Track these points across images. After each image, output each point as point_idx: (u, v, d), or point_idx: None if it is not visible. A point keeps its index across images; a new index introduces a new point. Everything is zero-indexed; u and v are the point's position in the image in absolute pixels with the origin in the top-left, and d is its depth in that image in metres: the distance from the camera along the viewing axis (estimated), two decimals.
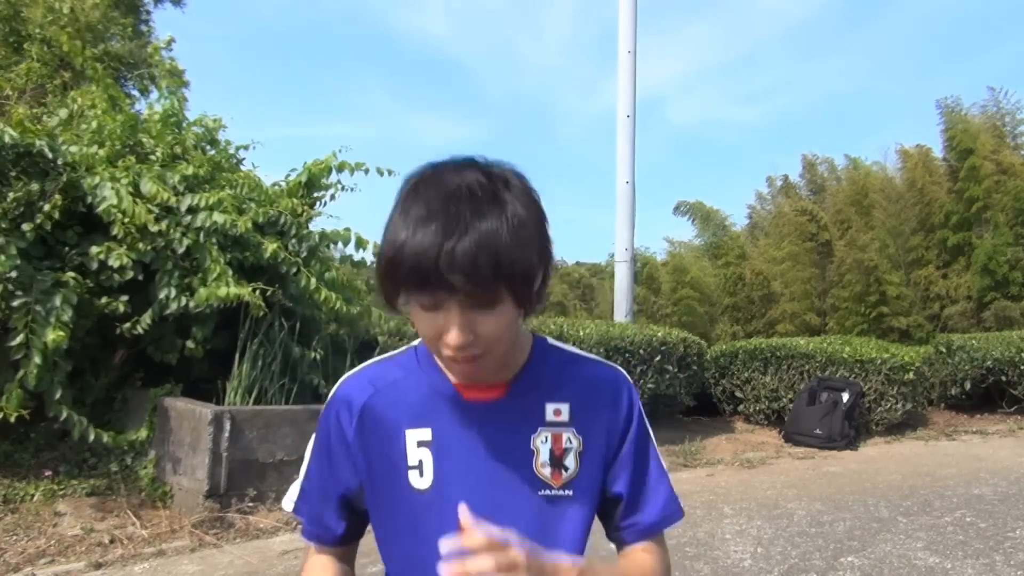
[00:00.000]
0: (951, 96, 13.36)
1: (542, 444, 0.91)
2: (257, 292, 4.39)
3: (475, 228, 0.74)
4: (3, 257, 3.76)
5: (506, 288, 0.77)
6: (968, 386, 8.13)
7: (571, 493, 0.92)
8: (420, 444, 0.92)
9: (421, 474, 0.91)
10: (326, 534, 0.99)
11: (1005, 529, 4.13)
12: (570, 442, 0.92)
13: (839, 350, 7.35)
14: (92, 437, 4.00)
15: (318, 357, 4.73)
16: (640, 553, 0.96)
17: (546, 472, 0.91)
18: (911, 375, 7.27)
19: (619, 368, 1.03)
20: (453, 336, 0.78)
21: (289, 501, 1.02)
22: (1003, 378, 7.99)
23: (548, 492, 0.91)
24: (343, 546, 1.02)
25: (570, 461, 0.92)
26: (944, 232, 11.94)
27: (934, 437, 7.26)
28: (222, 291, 4.20)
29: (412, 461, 0.92)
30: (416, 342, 0.99)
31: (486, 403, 0.92)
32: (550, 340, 1.00)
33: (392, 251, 0.76)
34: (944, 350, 8.42)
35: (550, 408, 0.93)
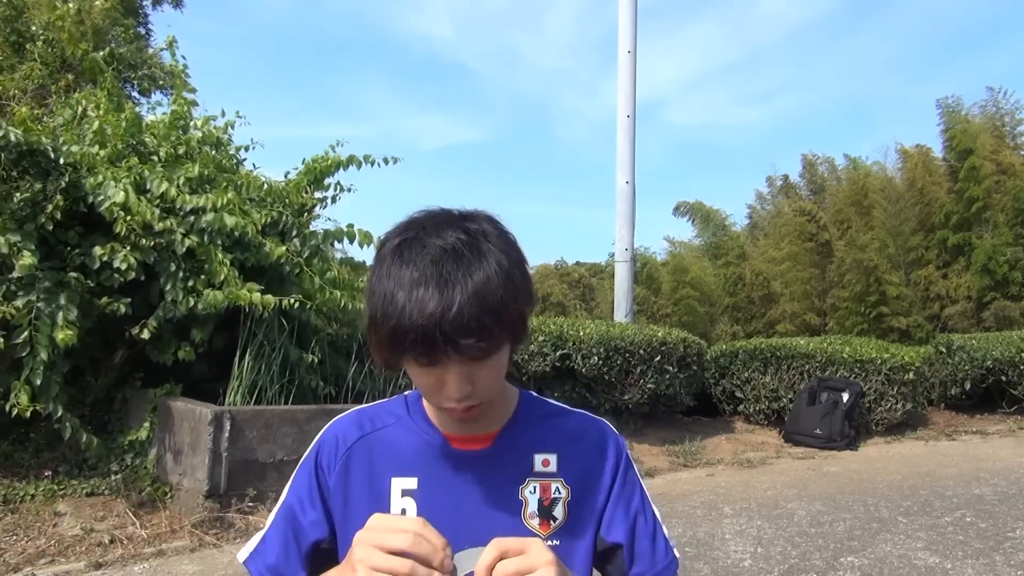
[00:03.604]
0: (951, 96, 13.36)
1: (530, 495, 0.91)
2: (267, 296, 4.39)
3: (470, 287, 0.75)
4: (28, 258, 3.78)
5: (506, 336, 0.80)
6: (968, 386, 8.13)
7: (559, 543, 0.90)
8: (405, 493, 0.90)
9: None
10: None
11: (1005, 529, 4.13)
12: (558, 491, 0.92)
13: (839, 350, 7.35)
14: (84, 440, 4.00)
15: (315, 360, 4.73)
16: None
17: (535, 523, 0.90)
18: (911, 375, 7.27)
19: (604, 420, 1.04)
20: (454, 390, 0.80)
21: (246, 551, 0.94)
22: (1003, 378, 7.99)
23: None
24: None
25: (558, 511, 0.91)
26: (944, 232, 11.94)
27: (934, 437, 7.27)
28: (244, 294, 4.19)
29: (395, 510, 0.90)
30: (407, 392, 1.00)
31: (474, 452, 0.92)
32: (534, 394, 1.02)
33: (393, 319, 0.76)
34: (944, 350, 8.42)
35: (538, 458, 0.93)
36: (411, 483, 0.91)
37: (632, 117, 8.42)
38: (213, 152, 5.42)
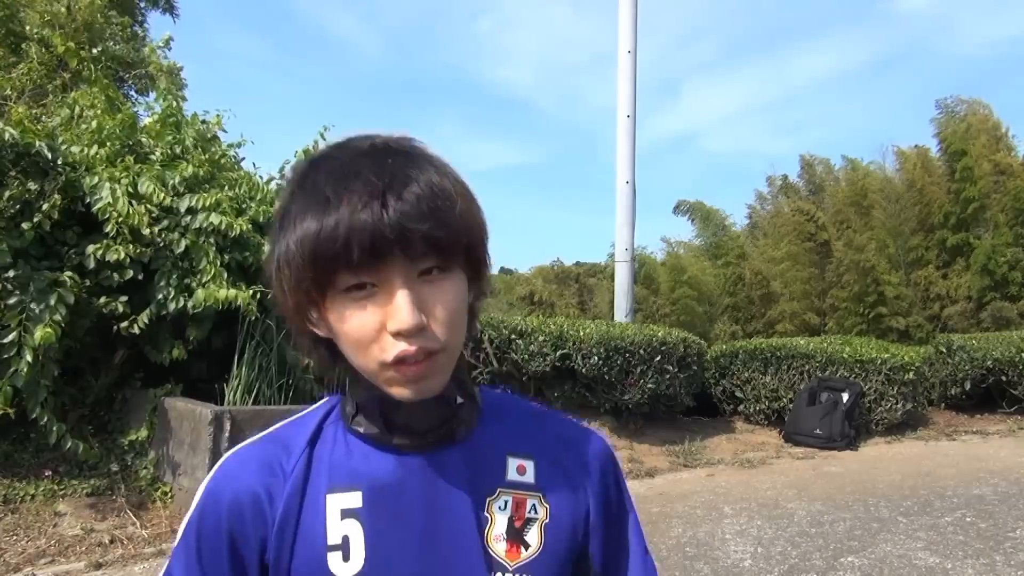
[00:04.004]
0: (950, 96, 13.36)
1: (499, 511, 0.71)
2: (255, 294, 4.38)
3: (413, 175, 0.62)
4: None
5: (460, 254, 0.65)
6: (968, 386, 8.13)
7: None
8: (346, 514, 0.69)
9: (346, 556, 0.68)
10: None
11: (1005, 529, 4.13)
12: (534, 511, 0.73)
13: (839, 350, 7.35)
14: (69, 445, 3.97)
15: (311, 363, 4.71)
16: None
17: (500, 548, 0.71)
18: (911, 375, 7.27)
19: (594, 430, 0.85)
20: (403, 316, 0.61)
21: None
22: (1003, 378, 7.99)
23: (500, 575, 0.70)
24: None
25: (532, 535, 0.72)
26: (943, 232, 11.95)
27: (934, 437, 7.27)
28: (221, 293, 4.19)
29: (333, 539, 0.69)
30: (315, 405, 0.80)
31: (434, 454, 0.71)
32: (510, 393, 0.85)
33: (314, 229, 0.61)
34: (944, 350, 8.42)
35: (512, 463, 0.74)
36: (353, 500, 0.70)
37: (632, 117, 8.42)
38: (212, 149, 5.40)
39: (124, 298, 4.24)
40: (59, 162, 4.22)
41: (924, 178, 12.36)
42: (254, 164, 6.51)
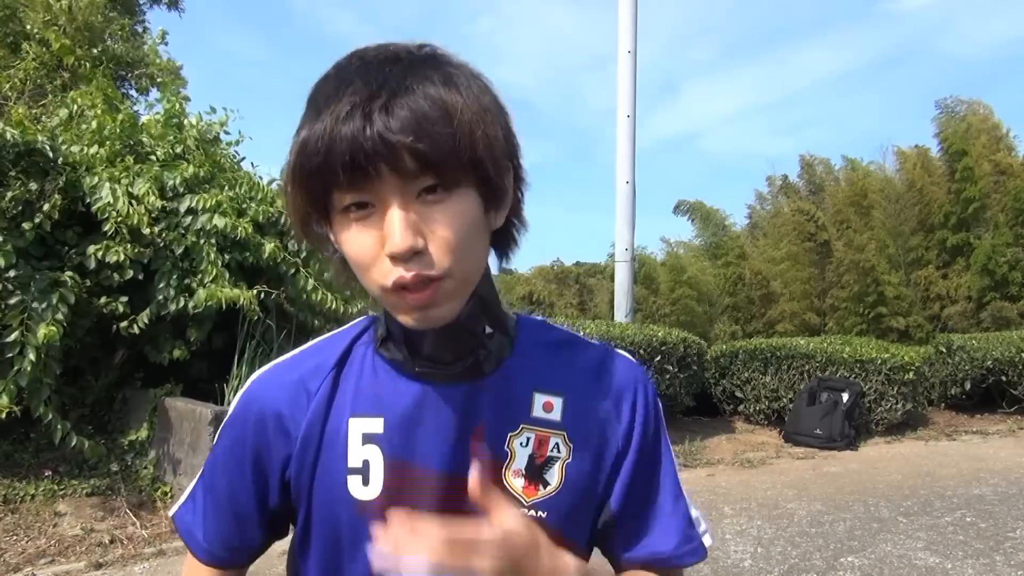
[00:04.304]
0: (950, 96, 13.36)
1: (520, 447, 0.70)
2: (260, 294, 4.38)
3: (412, 85, 0.58)
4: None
5: (465, 165, 0.59)
6: (968, 386, 8.12)
7: (544, 515, 0.70)
8: (367, 439, 0.70)
9: (366, 480, 0.69)
10: (230, 556, 0.79)
11: (1005, 529, 4.13)
12: (557, 449, 0.71)
13: (839, 350, 7.35)
14: (74, 443, 3.98)
15: None
16: None
17: (518, 484, 0.70)
18: (911, 375, 7.27)
19: (632, 358, 0.80)
20: (395, 238, 0.58)
21: (189, 525, 0.81)
22: (1003, 378, 7.99)
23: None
24: (247, 564, 0.81)
25: (552, 474, 0.71)
26: (944, 232, 11.95)
27: (934, 437, 7.26)
28: (226, 292, 4.19)
29: (354, 461, 0.70)
30: (357, 319, 0.79)
31: (458, 386, 0.70)
32: (539, 318, 0.82)
33: (303, 138, 0.58)
34: (944, 350, 8.42)
35: (540, 399, 0.72)
36: (375, 425, 0.70)
37: (632, 117, 8.41)
38: (212, 150, 5.41)
39: (124, 298, 4.25)
40: (59, 162, 4.22)
41: (924, 178, 12.35)
42: (252, 163, 6.49)
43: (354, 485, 0.70)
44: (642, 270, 13.45)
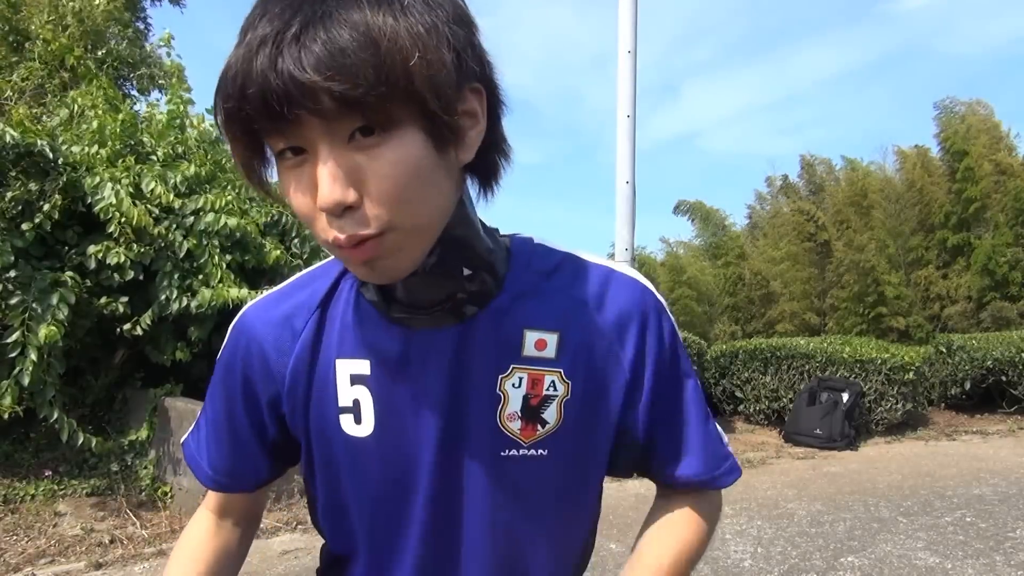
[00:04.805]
0: (950, 96, 13.37)
1: (512, 388, 0.67)
2: (252, 292, 4.38)
3: (337, 13, 0.50)
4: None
5: (400, 97, 0.51)
6: (968, 386, 8.13)
7: (546, 452, 0.68)
8: (355, 380, 0.68)
9: (358, 419, 0.69)
10: (234, 482, 0.80)
11: (1005, 529, 4.13)
12: (554, 387, 0.67)
13: (839, 350, 7.35)
14: (81, 441, 3.98)
15: None
16: (668, 515, 0.76)
17: (514, 426, 0.67)
18: (911, 375, 7.27)
19: (642, 280, 0.75)
20: (322, 192, 0.53)
21: (194, 453, 0.81)
22: (1003, 378, 7.99)
23: (514, 452, 0.68)
24: (253, 490, 0.82)
25: (550, 413, 0.67)
26: (944, 232, 11.95)
27: (934, 437, 7.26)
28: (232, 292, 4.20)
29: (344, 401, 0.69)
30: None
31: (440, 330, 0.66)
32: (534, 239, 0.74)
33: (221, 72, 0.53)
34: (944, 350, 8.42)
35: (531, 337, 0.67)
36: (362, 367, 0.68)
37: (632, 117, 8.39)
38: (213, 150, 5.41)
39: (124, 299, 4.25)
40: (60, 162, 4.22)
41: (924, 178, 12.35)
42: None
43: (347, 423, 0.70)
44: (642, 270, 13.44)
